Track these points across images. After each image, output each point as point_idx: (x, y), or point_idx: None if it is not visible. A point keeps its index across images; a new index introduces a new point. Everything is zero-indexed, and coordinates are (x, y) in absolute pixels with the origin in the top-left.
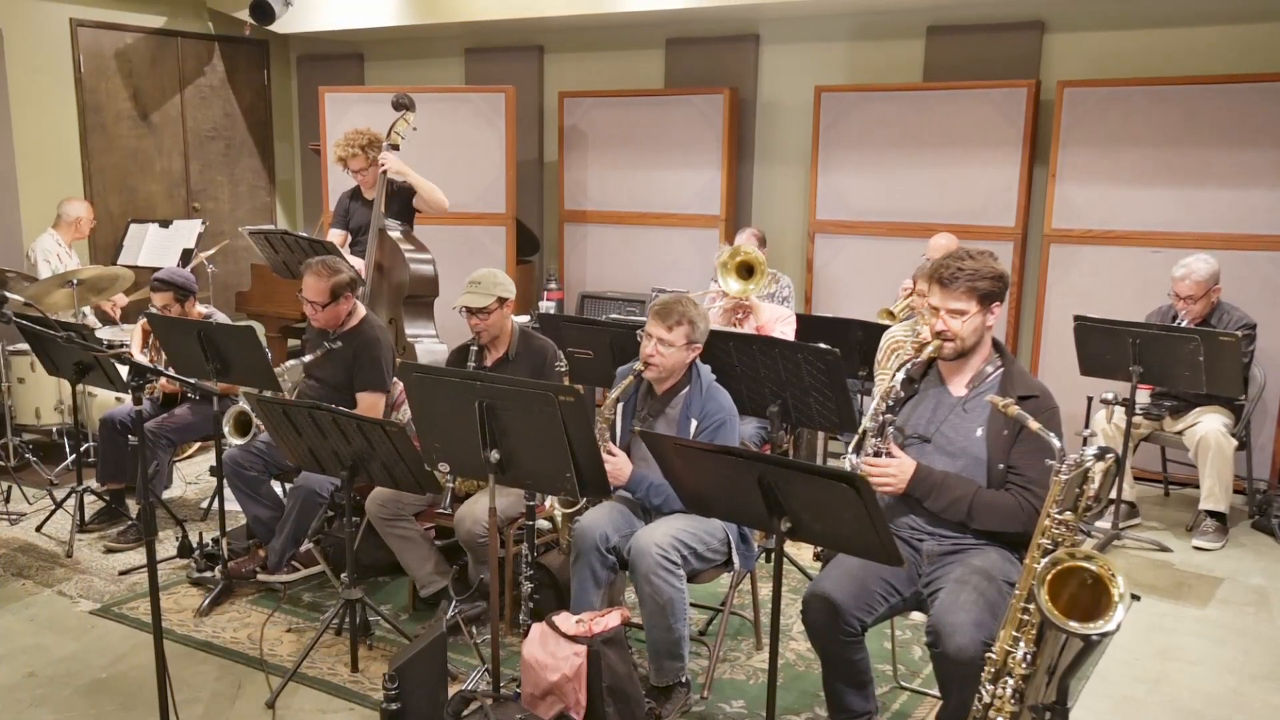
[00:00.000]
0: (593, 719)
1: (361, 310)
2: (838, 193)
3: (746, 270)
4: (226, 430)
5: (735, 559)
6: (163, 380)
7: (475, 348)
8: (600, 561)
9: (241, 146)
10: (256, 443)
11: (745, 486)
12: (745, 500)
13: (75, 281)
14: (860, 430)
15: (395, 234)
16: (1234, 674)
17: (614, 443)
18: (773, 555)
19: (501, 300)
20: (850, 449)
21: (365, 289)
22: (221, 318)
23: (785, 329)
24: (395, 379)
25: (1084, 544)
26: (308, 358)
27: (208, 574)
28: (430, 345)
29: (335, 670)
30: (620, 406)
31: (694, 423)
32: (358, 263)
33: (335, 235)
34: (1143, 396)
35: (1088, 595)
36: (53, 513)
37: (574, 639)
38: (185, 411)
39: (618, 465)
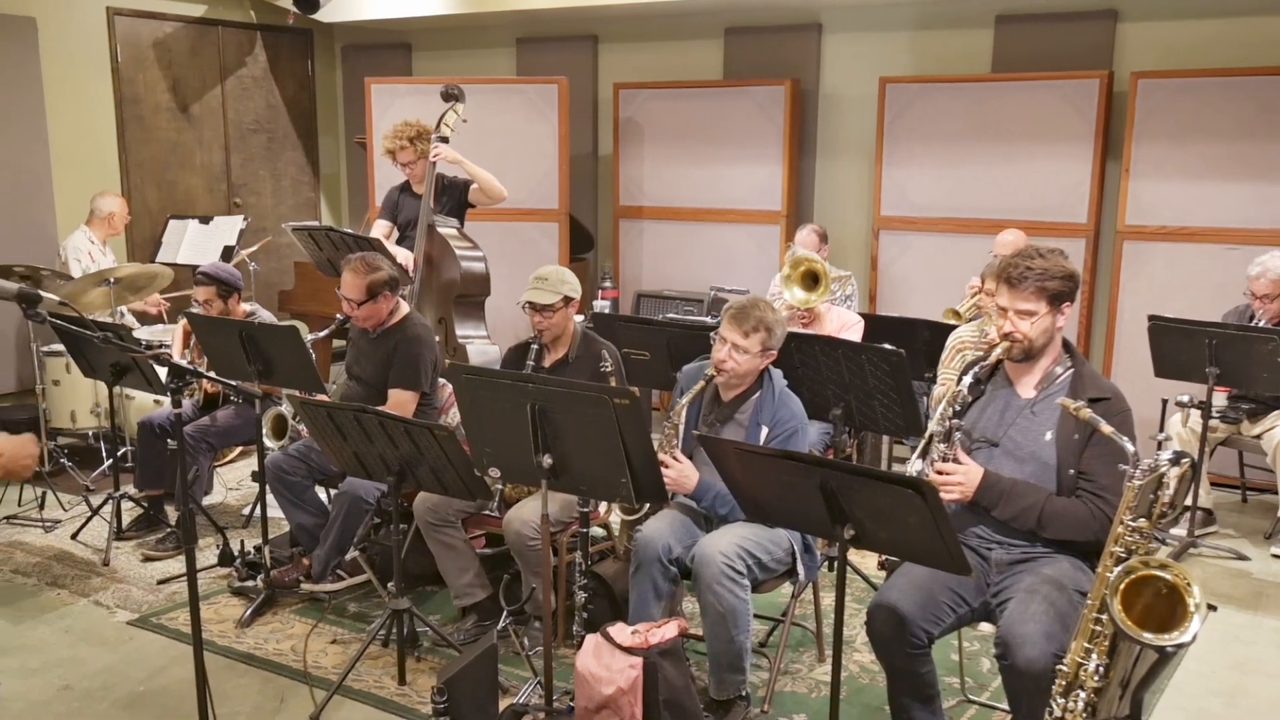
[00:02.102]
0: None
1: (405, 308)
2: (903, 188)
3: (811, 279)
4: (264, 431)
5: (800, 569)
6: (203, 382)
7: (535, 347)
8: (662, 573)
9: (284, 139)
10: (300, 447)
11: (807, 493)
12: (807, 507)
13: (112, 280)
14: (926, 435)
15: (446, 230)
16: None
17: (679, 448)
18: (836, 564)
19: (567, 300)
20: (916, 454)
21: (414, 286)
22: (266, 315)
23: (852, 338)
24: (444, 381)
25: (1158, 552)
26: (320, 334)
27: (249, 583)
28: (482, 346)
29: (382, 683)
30: (686, 412)
31: (765, 430)
32: (405, 256)
33: (380, 227)
34: (1219, 399)
35: (1162, 605)
36: (89, 520)
37: (629, 651)
38: (226, 414)
39: (683, 472)
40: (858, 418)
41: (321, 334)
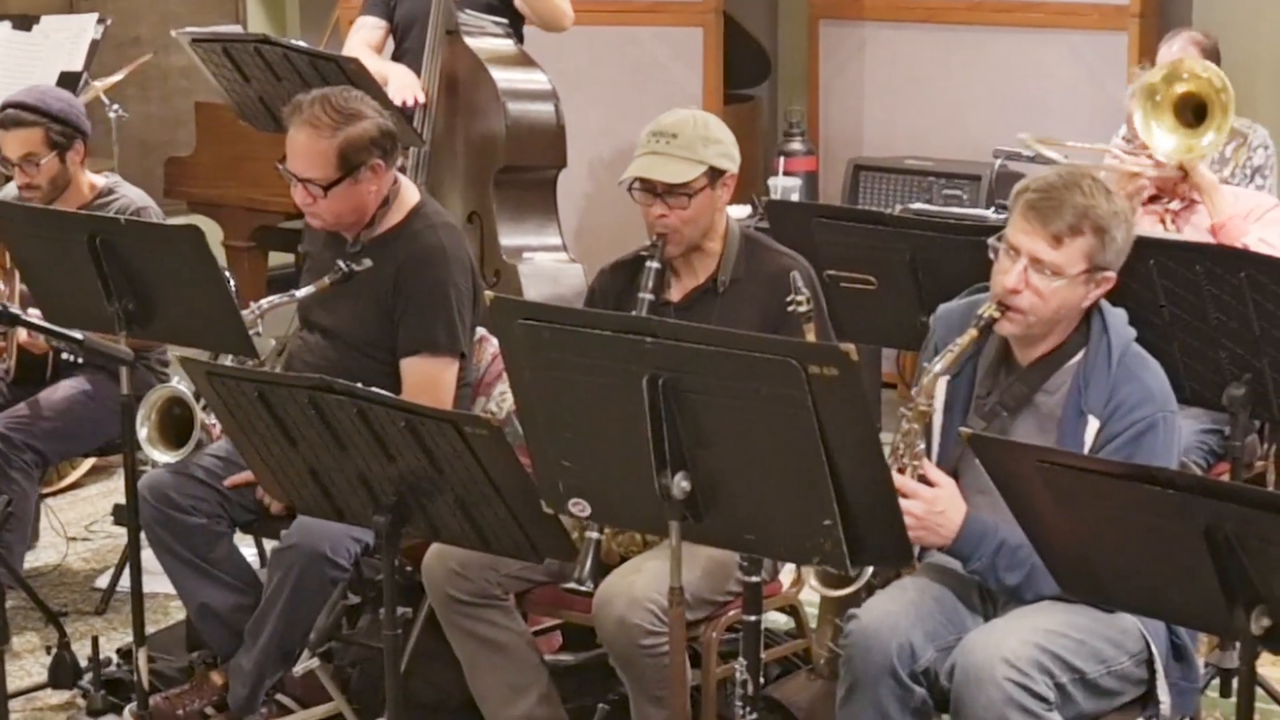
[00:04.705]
0: None
1: (412, 195)
2: None
3: (1196, 111)
4: (143, 434)
5: (1161, 694)
6: (15, 333)
7: (654, 266)
8: (898, 697)
9: None
10: (210, 461)
11: (1179, 546)
12: (1178, 575)
13: None
14: None
15: (480, 41)
16: None
17: (932, 458)
18: (1235, 684)
19: (715, 174)
20: None
21: (423, 150)
22: (136, 196)
23: (1269, 235)
24: (483, 332)
25: None
26: (303, 290)
27: (110, 718)
28: (548, 263)
29: None
30: (945, 388)
31: (1092, 422)
32: (403, 84)
33: (365, 33)
34: None
35: None
36: None
37: None
38: (64, 397)
39: (934, 504)
40: (1276, 402)
41: (304, 291)
